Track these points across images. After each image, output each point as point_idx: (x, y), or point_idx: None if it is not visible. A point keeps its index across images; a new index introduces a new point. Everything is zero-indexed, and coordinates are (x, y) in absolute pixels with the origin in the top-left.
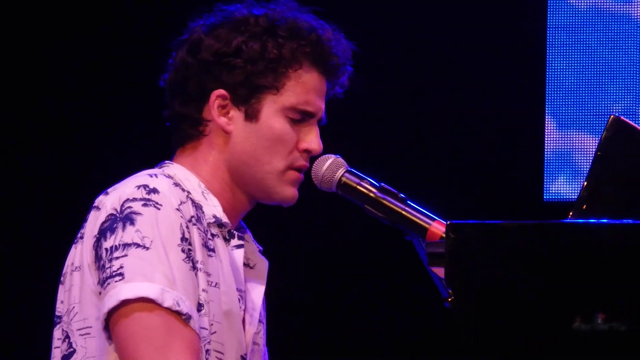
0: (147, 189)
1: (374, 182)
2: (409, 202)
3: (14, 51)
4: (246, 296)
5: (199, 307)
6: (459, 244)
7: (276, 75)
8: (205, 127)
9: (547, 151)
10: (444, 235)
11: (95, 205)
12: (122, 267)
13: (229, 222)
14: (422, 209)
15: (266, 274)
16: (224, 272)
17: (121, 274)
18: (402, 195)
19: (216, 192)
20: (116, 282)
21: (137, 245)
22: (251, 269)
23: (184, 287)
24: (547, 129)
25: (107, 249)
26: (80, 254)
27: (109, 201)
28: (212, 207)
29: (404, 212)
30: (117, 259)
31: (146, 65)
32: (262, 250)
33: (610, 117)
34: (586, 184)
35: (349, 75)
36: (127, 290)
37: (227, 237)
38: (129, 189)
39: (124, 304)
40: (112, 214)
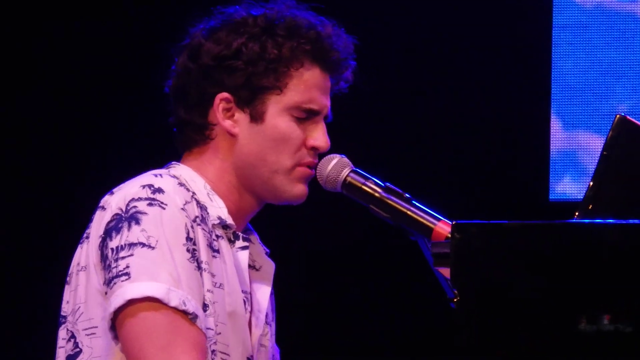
0: (152, 188)
1: (379, 182)
2: (414, 202)
3: (14, 51)
4: (252, 298)
5: (205, 307)
6: (464, 244)
7: (278, 75)
8: (211, 131)
9: (553, 151)
10: (450, 235)
11: (100, 205)
12: (128, 266)
13: (233, 224)
14: (427, 209)
15: (272, 277)
16: (228, 273)
17: (127, 274)
18: (407, 195)
19: (222, 194)
20: (122, 281)
21: (143, 244)
22: (257, 271)
23: (189, 287)
24: (553, 128)
25: (112, 249)
26: (86, 253)
27: (114, 201)
28: (217, 209)
29: (409, 212)
30: (123, 258)
31: (147, 65)
32: (269, 252)
33: (616, 116)
34: (592, 183)
35: (353, 69)
36: (133, 289)
37: (232, 238)
38: (134, 188)
39: (130, 303)
40: (117, 214)
